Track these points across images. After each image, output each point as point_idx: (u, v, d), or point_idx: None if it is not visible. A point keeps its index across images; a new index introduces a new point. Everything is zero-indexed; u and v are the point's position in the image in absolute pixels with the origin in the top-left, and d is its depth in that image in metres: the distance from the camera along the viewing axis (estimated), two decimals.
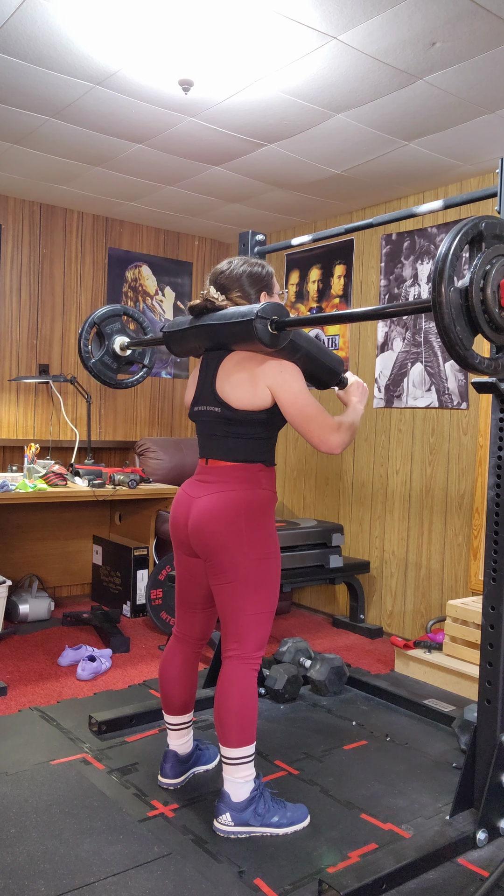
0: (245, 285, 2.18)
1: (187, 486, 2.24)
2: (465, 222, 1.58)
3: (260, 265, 2.22)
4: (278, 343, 2.02)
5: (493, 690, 2.18)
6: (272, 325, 1.99)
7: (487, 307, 1.57)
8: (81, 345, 2.75)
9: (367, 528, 4.36)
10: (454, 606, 3.42)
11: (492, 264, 1.59)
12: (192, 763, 2.44)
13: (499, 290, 1.58)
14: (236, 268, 2.19)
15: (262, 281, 2.20)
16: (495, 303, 1.57)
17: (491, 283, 1.57)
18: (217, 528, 2.09)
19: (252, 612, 2.12)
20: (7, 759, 2.51)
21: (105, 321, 2.79)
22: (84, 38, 2.57)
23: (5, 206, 4.44)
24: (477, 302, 1.56)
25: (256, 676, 2.16)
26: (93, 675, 3.34)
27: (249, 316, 1.99)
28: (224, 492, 2.12)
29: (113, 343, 2.80)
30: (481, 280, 1.57)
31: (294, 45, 2.56)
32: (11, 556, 4.41)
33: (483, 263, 1.58)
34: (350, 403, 2.23)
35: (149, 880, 1.89)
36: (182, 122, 3.25)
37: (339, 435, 2.08)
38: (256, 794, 2.12)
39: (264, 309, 1.98)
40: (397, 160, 3.60)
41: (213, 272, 2.22)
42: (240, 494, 2.11)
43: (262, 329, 1.98)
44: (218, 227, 5.02)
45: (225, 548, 2.09)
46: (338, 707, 3.12)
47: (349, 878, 1.83)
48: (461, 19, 2.37)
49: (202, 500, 2.14)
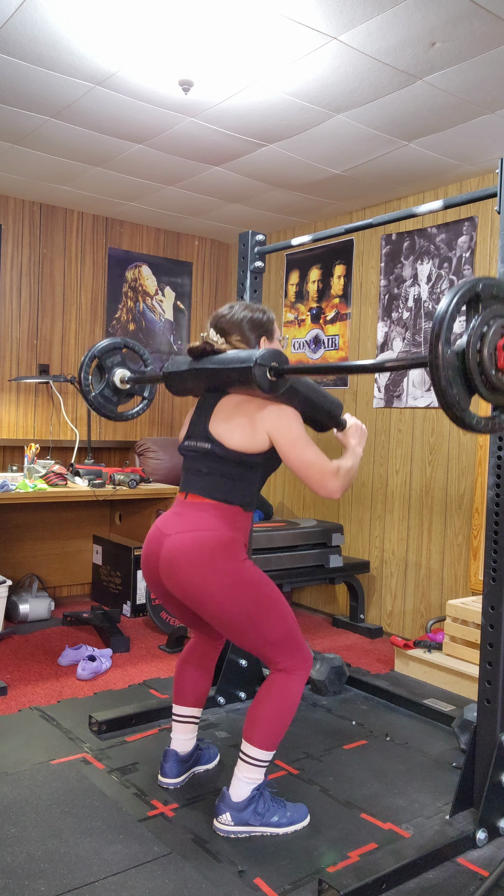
0: (245, 330, 2.18)
1: (161, 521, 2.19)
2: (463, 283, 1.59)
3: (261, 311, 2.22)
4: (277, 389, 2.02)
5: (492, 690, 2.18)
6: (271, 372, 1.98)
7: (484, 368, 1.57)
8: (82, 378, 2.76)
9: (367, 528, 4.36)
10: (454, 606, 3.42)
11: (489, 325, 1.59)
12: (193, 763, 2.45)
13: (496, 351, 1.58)
14: (237, 313, 2.19)
15: (263, 327, 2.21)
16: (492, 364, 1.57)
17: (488, 344, 1.57)
18: (191, 572, 2.03)
19: (268, 638, 2.08)
20: (7, 759, 2.51)
21: (106, 354, 2.80)
22: (84, 39, 2.58)
23: (5, 206, 4.44)
24: (474, 363, 1.56)
25: (301, 688, 2.13)
26: (93, 675, 3.34)
27: (248, 362, 1.98)
28: (197, 531, 2.06)
29: (113, 376, 2.80)
30: (478, 341, 1.57)
31: (294, 45, 2.56)
32: (11, 556, 4.41)
33: (480, 324, 1.58)
34: (349, 446, 2.20)
35: (149, 880, 1.89)
36: (182, 123, 3.25)
37: (337, 479, 2.05)
38: (256, 793, 2.13)
39: (263, 356, 1.98)
40: (397, 160, 3.60)
41: (214, 316, 2.23)
42: (212, 535, 2.05)
43: (260, 376, 1.97)
44: (218, 227, 5.02)
45: (203, 592, 2.03)
46: (338, 707, 3.13)
47: (349, 878, 1.84)
48: (461, 19, 2.37)
49: (173, 538, 2.08)
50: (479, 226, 3.77)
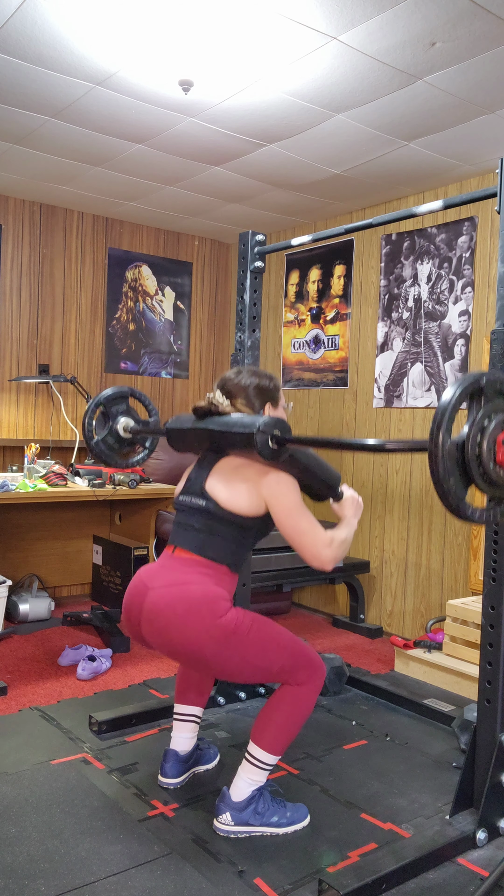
0: (251, 396, 2.20)
1: (145, 572, 2.16)
2: (468, 377, 1.61)
3: (268, 378, 2.24)
4: (278, 458, 2.03)
5: (492, 690, 2.18)
6: (273, 440, 2.00)
7: (482, 461, 1.59)
8: (86, 424, 2.78)
9: (367, 528, 4.36)
10: (454, 606, 3.42)
11: (490, 419, 1.61)
12: (193, 763, 2.45)
13: (495, 445, 1.59)
14: (244, 378, 2.22)
15: (269, 394, 2.23)
16: (490, 457, 1.59)
17: (488, 437, 1.59)
18: (171, 628, 2.01)
19: (274, 668, 2.07)
20: (7, 759, 2.51)
21: (111, 402, 2.81)
22: (84, 39, 2.57)
23: (5, 206, 4.44)
24: (472, 455, 1.58)
25: (314, 698, 2.13)
26: (93, 675, 3.34)
27: (251, 429, 1.99)
28: (180, 585, 2.04)
29: (117, 424, 2.82)
30: (478, 434, 1.59)
31: (294, 45, 2.56)
32: (11, 556, 4.41)
33: (482, 418, 1.60)
34: (344, 518, 2.19)
35: (149, 880, 1.89)
36: (182, 123, 3.25)
37: (331, 550, 2.04)
38: (256, 793, 2.13)
39: (266, 424, 1.99)
40: (397, 160, 3.60)
41: (222, 378, 2.26)
42: (196, 589, 2.02)
43: (262, 443, 1.98)
44: (218, 227, 5.02)
45: (185, 648, 2.01)
46: (338, 707, 3.13)
47: (349, 878, 1.84)
48: (461, 19, 2.37)
49: (156, 592, 2.05)
50: (479, 226, 3.77)
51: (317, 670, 2.13)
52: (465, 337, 3.83)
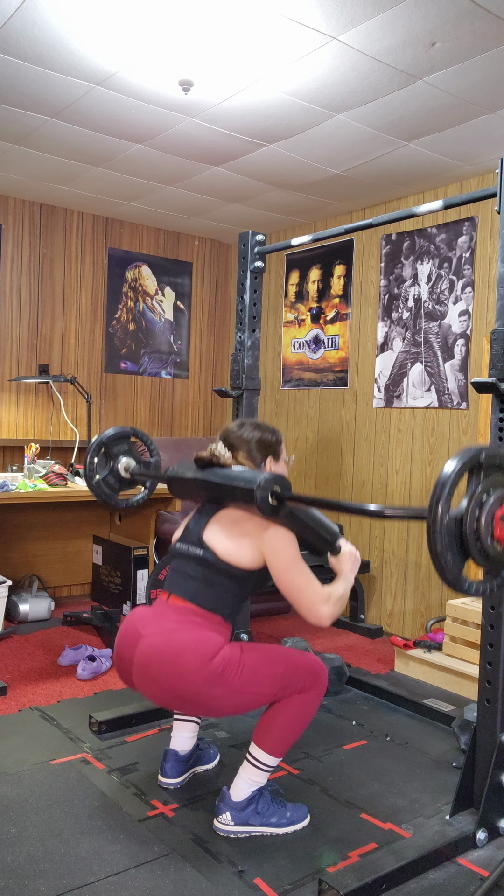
0: (253, 450, 2.22)
1: (137, 617, 2.15)
2: (468, 451, 1.61)
3: (270, 432, 2.26)
4: (277, 514, 2.04)
5: (492, 690, 2.18)
6: (273, 497, 2.01)
7: (480, 536, 1.59)
8: (87, 462, 2.79)
9: (367, 528, 4.36)
10: (454, 606, 3.42)
11: (488, 494, 1.61)
12: (193, 763, 2.44)
13: (493, 520, 1.60)
14: (247, 431, 2.24)
15: (271, 448, 2.25)
16: (488, 533, 1.59)
17: (486, 513, 1.59)
18: (162, 677, 2.00)
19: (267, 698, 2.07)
20: (7, 759, 2.51)
21: (113, 442, 2.82)
22: (84, 39, 2.57)
23: (5, 206, 4.44)
24: (470, 530, 1.58)
25: (319, 698, 2.13)
26: (93, 675, 3.34)
27: (252, 485, 2.00)
28: (171, 631, 2.03)
29: (118, 463, 2.83)
30: (477, 509, 1.59)
31: (294, 45, 2.56)
32: (11, 556, 4.41)
33: (480, 493, 1.61)
34: (341, 572, 2.18)
35: (149, 880, 1.89)
36: (182, 123, 3.25)
37: (328, 606, 2.03)
38: (256, 793, 2.13)
39: (267, 480, 2.00)
40: (397, 160, 3.60)
41: (225, 430, 2.28)
42: (186, 635, 2.02)
43: (262, 500, 1.99)
44: (218, 227, 5.02)
45: (181, 696, 2.00)
46: (338, 707, 3.13)
47: (349, 878, 1.84)
48: (461, 19, 2.37)
49: (147, 640, 2.04)
50: (479, 226, 3.77)
51: (318, 676, 2.13)
52: (465, 337, 3.83)
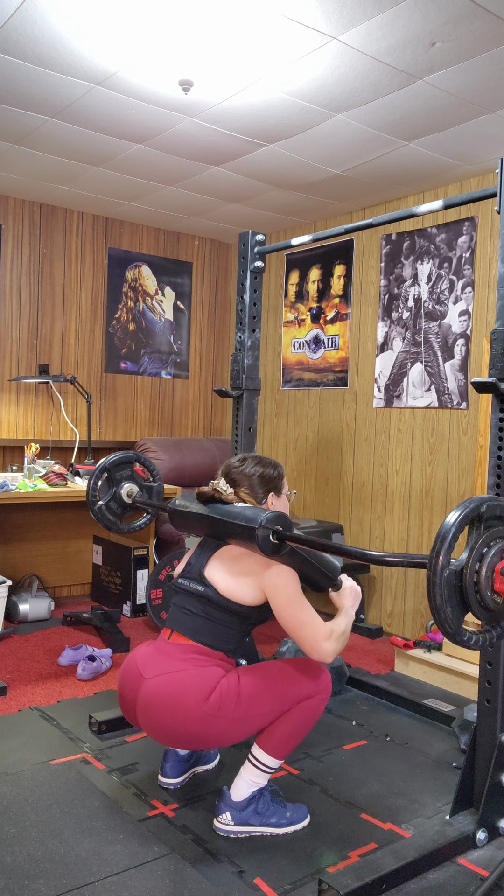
0: (255, 485, 2.23)
1: (140, 656, 2.15)
2: (468, 503, 1.60)
3: (272, 466, 2.27)
4: (278, 552, 2.04)
5: (492, 690, 2.18)
6: (274, 536, 2.02)
7: (480, 589, 1.59)
8: (90, 487, 2.80)
9: (367, 528, 4.36)
10: None
11: (489, 546, 1.61)
12: (193, 763, 2.45)
13: (493, 573, 1.60)
14: (248, 467, 2.24)
15: (273, 483, 2.25)
16: (488, 586, 1.59)
17: (486, 565, 1.59)
18: (169, 719, 2.00)
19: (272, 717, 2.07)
20: (7, 759, 2.51)
21: (116, 468, 2.84)
22: (84, 39, 2.57)
23: (5, 206, 4.44)
24: (470, 583, 1.58)
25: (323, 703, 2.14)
26: (93, 675, 3.34)
27: (253, 524, 2.01)
28: (172, 672, 2.03)
29: (121, 489, 2.85)
30: (477, 562, 1.59)
31: (294, 45, 2.56)
32: (11, 556, 4.41)
33: (481, 545, 1.61)
34: (343, 608, 2.18)
35: (149, 880, 1.89)
36: (182, 123, 3.25)
37: (330, 643, 2.03)
38: (256, 793, 2.13)
39: (268, 519, 2.01)
40: (397, 160, 3.60)
41: (227, 465, 2.29)
42: (186, 676, 2.02)
43: (263, 538, 2.00)
44: (218, 227, 5.02)
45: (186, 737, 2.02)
46: (338, 707, 3.13)
47: (349, 878, 1.84)
48: (461, 19, 2.37)
49: (149, 682, 2.05)
50: (479, 226, 3.77)
51: (320, 681, 2.13)
52: (465, 337, 3.83)
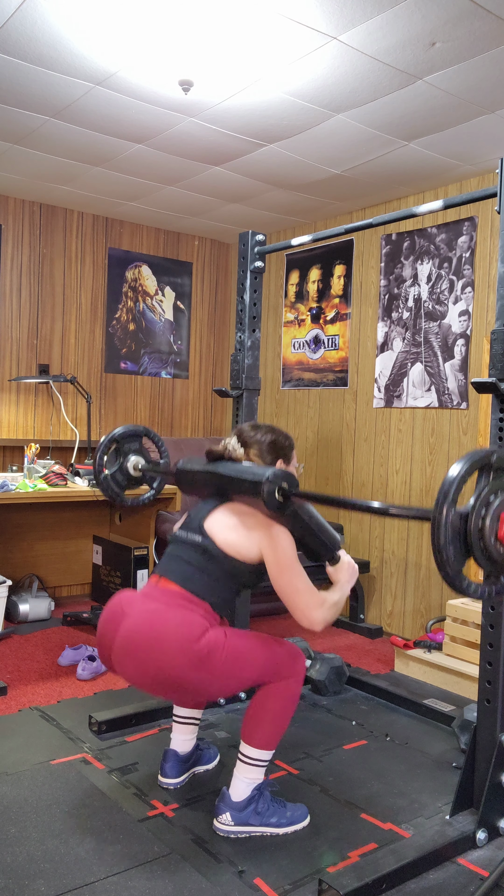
0: (265, 450, 2.24)
1: (125, 596, 2.14)
2: (479, 453, 1.63)
3: (284, 437, 2.29)
4: (282, 511, 2.05)
5: (492, 690, 2.18)
6: (279, 493, 2.02)
7: (483, 535, 1.61)
8: (97, 458, 2.80)
9: (367, 528, 4.36)
10: (454, 606, 3.42)
11: (496, 495, 1.63)
12: (193, 763, 2.44)
13: (498, 521, 1.62)
14: (261, 433, 2.26)
15: (283, 451, 2.27)
16: (492, 532, 1.61)
17: (492, 513, 1.61)
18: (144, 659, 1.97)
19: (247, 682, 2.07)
20: (7, 759, 2.51)
21: (125, 440, 2.84)
22: (84, 39, 2.57)
23: (5, 206, 4.44)
24: (475, 529, 1.60)
25: (299, 690, 2.14)
26: (93, 675, 3.34)
27: (260, 478, 2.02)
28: (156, 612, 2.01)
29: (127, 462, 2.85)
30: (483, 508, 1.62)
31: (294, 45, 2.56)
32: (11, 556, 4.41)
33: (488, 493, 1.63)
34: (338, 582, 2.19)
35: (149, 880, 1.89)
36: (182, 123, 3.25)
37: (322, 611, 2.04)
38: (256, 793, 2.13)
39: (276, 475, 2.02)
40: (397, 160, 3.60)
41: (238, 428, 2.31)
42: (172, 615, 2.00)
43: (269, 493, 2.01)
44: (218, 227, 5.02)
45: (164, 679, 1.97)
46: (338, 707, 3.13)
47: (349, 878, 1.84)
48: (461, 19, 2.37)
49: (131, 620, 2.02)
50: (479, 226, 3.77)
51: (296, 661, 2.14)
52: (465, 337, 3.83)
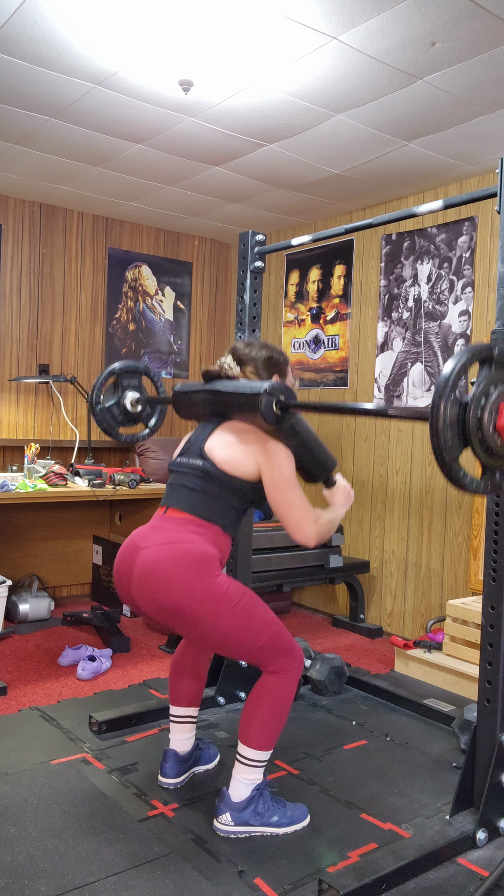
0: (260, 366, 2.25)
1: (136, 534, 2.16)
2: (480, 345, 1.65)
3: (278, 352, 2.29)
4: (280, 423, 2.05)
5: (492, 690, 2.18)
6: (277, 405, 2.02)
7: (482, 425, 1.63)
8: (95, 389, 2.79)
9: (367, 528, 4.36)
10: (454, 606, 3.42)
11: (496, 386, 1.65)
12: (192, 763, 2.45)
13: (497, 412, 1.63)
14: (255, 349, 2.27)
15: (278, 366, 2.28)
16: (490, 423, 1.63)
17: (491, 404, 1.63)
18: (161, 586, 2.00)
19: (254, 646, 2.07)
20: (7, 759, 2.51)
21: (124, 374, 2.84)
22: (84, 39, 2.57)
23: (5, 206, 4.44)
24: (473, 418, 1.62)
25: (295, 686, 2.14)
26: (93, 675, 3.34)
27: (258, 390, 2.02)
28: (173, 543, 2.04)
29: (125, 397, 2.85)
30: (482, 398, 1.63)
31: (294, 45, 2.56)
32: (11, 556, 4.41)
33: (488, 383, 1.65)
34: (333, 504, 2.21)
35: (149, 880, 1.89)
36: (182, 123, 3.25)
37: (315, 526, 2.06)
38: (256, 793, 2.13)
39: (273, 386, 2.02)
40: (397, 160, 3.60)
41: (233, 346, 2.31)
42: (188, 547, 2.03)
43: (267, 405, 2.01)
44: (218, 227, 5.02)
45: (175, 608, 2.00)
46: (338, 707, 3.13)
47: (349, 878, 1.84)
48: (461, 19, 2.37)
49: (148, 551, 2.05)
50: (479, 226, 3.77)
51: (295, 658, 2.14)
52: (465, 337, 3.83)
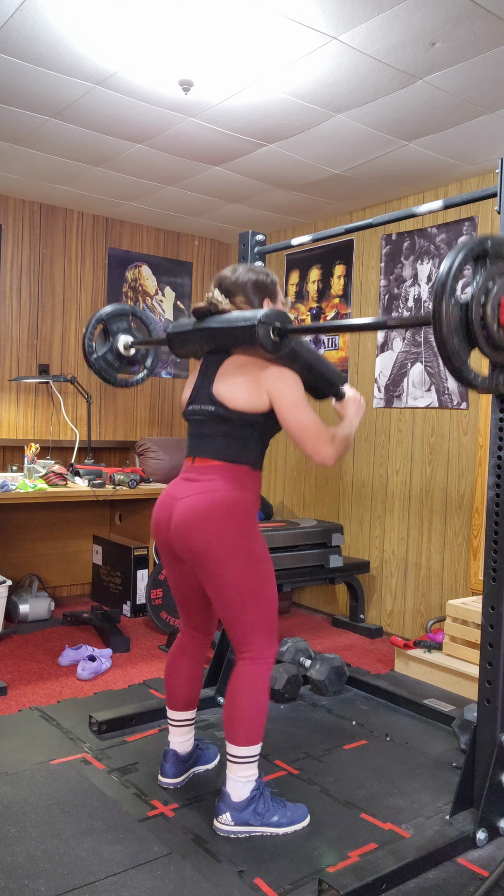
0: (249, 293, 2.21)
1: (171, 486, 2.22)
2: (472, 239, 1.63)
3: (265, 273, 2.25)
4: (279, 349, 2.04)
5: (492, 690, 2.18)
6: (274, 332, 2.01)
7: (486, 323, 1.61)
8: (86, 340, 2.76)
9: (367, 528, 4.36)
10: (454, 606, 3.42)
11: (494, 281, 1.63)
12: (192, 763, 2.44)
13: (499, 307, 1.61)
14: (241, 275, 2.22)
15: (267, 289, 2.24)
16: (494, 319, 1.61)
17: (492, 300, 1.61)
18: (201, 532, 2.06)
19: (253, 616, 2.11)
20: (7, 759, 2.51)
21: (112, 319, 2.79)
22: (84, 39, 2.57)
23: (5, 206, 4.44)
24: (476, 317, 1.59)
25: (269, 675, 2.16)
26: (93, 675, 3.34)
27: (252, 321, 2.01)
28: (208, 492, 2.09)
29: (117, 342, 2.81)
30: (482, 296, 1.61)
31: (294, 45, 2.56)
32: (11, 556, 4.41)
33: (486, 280, 1.62)
34: (346, 416, 2.22)
35: (149, 880, 1.89)
36: (182, 123, 3.25)
37: (332, 446, 2.08)
38: (256, 793, 2.13)
39: (267, 315, 2.01)
40: (397, 160, 3.60)
41: (218, 277, 2.26)
42: (224, 496, 2.09)
43: (264, 334, 2.00)
44: (218, 227, 5.02)
45: (211, 553, 2.06)
46: (338, 707, 3.13)
47: (349, 878, 1.84)
48: (461, 19, 2.37)
49: (185, 500, 2.11)
50: (479, 226, 3.77)
51: (272, 647, 2.17)
52: None
